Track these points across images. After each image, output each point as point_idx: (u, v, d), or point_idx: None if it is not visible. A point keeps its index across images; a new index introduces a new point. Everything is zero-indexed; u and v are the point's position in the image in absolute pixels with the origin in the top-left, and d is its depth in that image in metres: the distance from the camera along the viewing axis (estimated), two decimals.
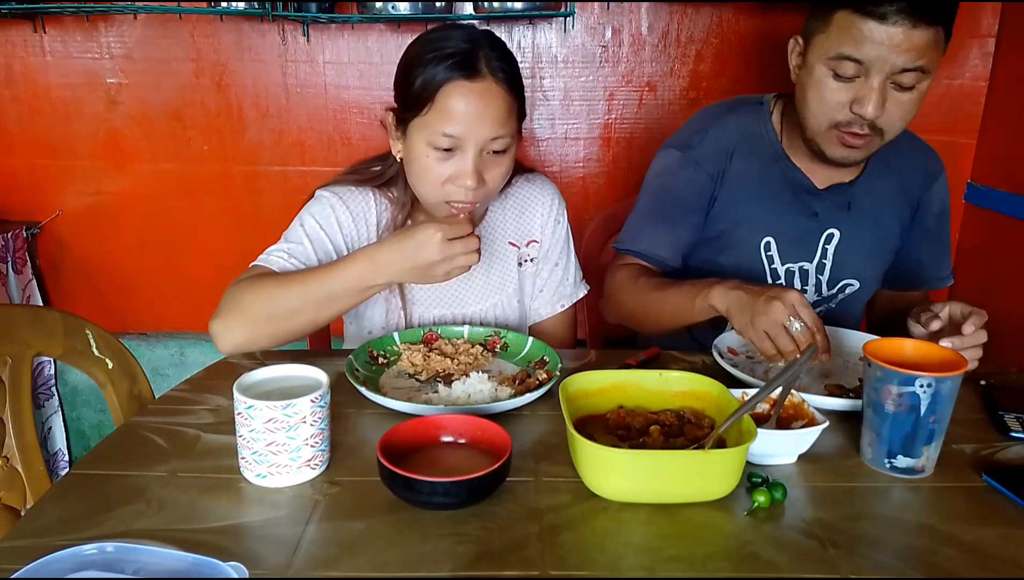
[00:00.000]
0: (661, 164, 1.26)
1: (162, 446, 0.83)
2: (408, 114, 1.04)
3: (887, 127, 1.07)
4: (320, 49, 1.94)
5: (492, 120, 1.01)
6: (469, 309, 1.21)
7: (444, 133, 1.00)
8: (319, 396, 0.75)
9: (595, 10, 1.90)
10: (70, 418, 2.15)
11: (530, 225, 1.25)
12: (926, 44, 0.99)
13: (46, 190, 2.05)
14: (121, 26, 1.92)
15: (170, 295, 2.13)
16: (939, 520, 0.72)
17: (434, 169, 1.03)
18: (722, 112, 1.25)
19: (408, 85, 1.03)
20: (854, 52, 1.01)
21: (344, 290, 0.99)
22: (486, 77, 1.00)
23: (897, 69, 1.01)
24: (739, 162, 1.21)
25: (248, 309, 0.99)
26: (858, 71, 1.03)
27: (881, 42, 0.99)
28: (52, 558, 0.59)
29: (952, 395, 0.77)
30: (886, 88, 1.03)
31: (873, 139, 1.08)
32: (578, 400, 0.84)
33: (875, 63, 1.01)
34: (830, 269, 1.25)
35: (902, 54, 0.99)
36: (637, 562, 0.65)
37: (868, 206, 1.23)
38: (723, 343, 1.08)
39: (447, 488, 0.69)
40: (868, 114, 1.04)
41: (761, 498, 0.72)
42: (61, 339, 1.05)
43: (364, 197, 1.15)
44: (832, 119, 1.08)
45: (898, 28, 0.98)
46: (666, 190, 1.24)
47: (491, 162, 1.05)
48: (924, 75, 1.02)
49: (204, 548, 0.64)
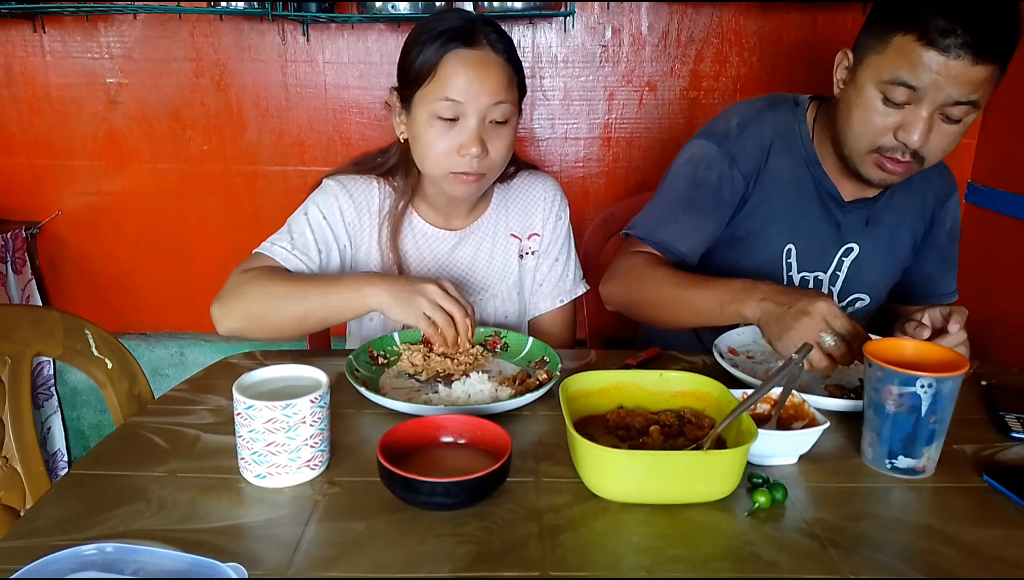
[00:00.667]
0: (695, 153, 1.20)
1: (162, 446, 0.82)
2: (411, 89, 1.07)
3: (928, 156, 1.05)
4: (320, 49, 1.94)
5: (492, 86, 1.04)
6: (471, 298, 1.22)
7: (446, 98, 1.03)
8: (319, 396, 0.75)
9: (595, 10, 1.90)
10: (69, 418, 2.15)
11: (532, 218, 1.25)
12: (983, 80, 0.98)
13: (46, 190, 2.05)
14: (121, 26, 1.92)
15: (170, 295, 2.13)
16: (940, 520, 0.72)
17: (438, 141, 1.06)
18: (762, 108, 1.20)
19: (410, 62, 1.06)
20: (911, 79, 0.99)
21: (339, 305, 1.02)
22: (484, 46, 1.04)
23: (950, 101, 0.99)
24: (774, 161, 1.18)
25: (249, 304, 1.02)
26: (910, 98, 1.00)
27: (940, 73, 0.97)
28: (51, 558, 0.59)
29: (953, 395, 0.77)
30: (934, 118, 1.01)
31: (912, 166, 1.06)
32: (578, 400, 0.84)
33: (929, 92, 0.98)
34: (843, 282, 1.23)
35: (959, 87, 0.97)
36: (637, 562, 0.65)
37: (887, 222, 1.22)
38: (723, 343, 1.07)
39: (447, 488, 0.69)
40: (912, 143, 1.02)
41: (762, 498, 0.72)
42: (61, 339, 1.05)
43: (367, 185, 1.18)
44: (875, 143, 1.06)
45: (959, 62, 0.95)
46: (699, 181, 1.18)
47: (493, 133, 1.07)
48: (974, 109, 1.01)
49: (203, 548, 0.64)
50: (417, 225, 1.20)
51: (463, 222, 1.22)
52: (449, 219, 1.22)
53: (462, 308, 0.98)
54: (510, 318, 1.26)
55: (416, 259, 1.20)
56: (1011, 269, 1.78)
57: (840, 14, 1.86)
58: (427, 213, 1.21)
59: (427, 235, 1.20)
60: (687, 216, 1.18)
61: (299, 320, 1.03)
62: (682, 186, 1.19)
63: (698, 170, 1.18)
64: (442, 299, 0.97)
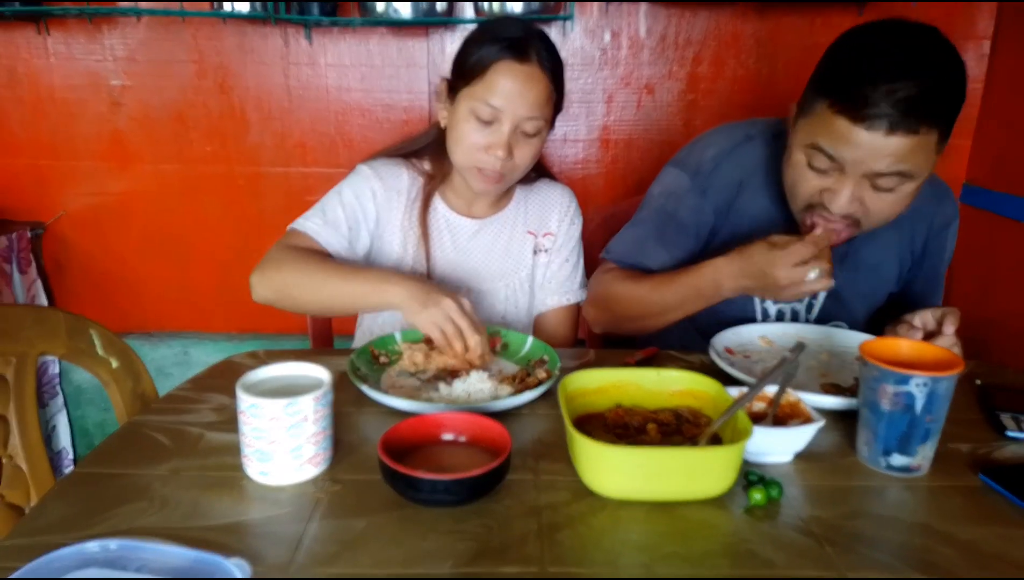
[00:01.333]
0: (668, 184, 1.22)
1: (165, 444, 0.83)
2: (459, 83, 1.14)
3: (866, 222, 1.02)
4: (322, 52, 1.95)
5: (531, 101, 1.11)
6: (484, 285, 1.27)
7: (487, 103, 1.10)
8: (321, 394, 0.76)
9: (594, 13, 1.91)
10: (74, 417, 2.16)
11: (548, 219, 1.32)
12: (908, 150, 0.92)
13: (50, 191, 2.07)
14: (124, 28, 1.93)
15: (173, 295, 2.15)
16: (935, 519, 0.72)
17: (471, 135, 1.13)
18: (740, 141, 1.19)
19: (465, 58, 1.13)
20: (828, 148, 0.96)
21: (360, 295, 1.06)
22: (533, 63, 1.11)
23: (872, 173, 0.95)
24: (746, 197, 1.17)
25: (283, 277, 1.09)
26: (831, 166, 0.98)
27: (858, 145, 0.93)
28: (55, 555, 0.59)
29: (948, 394, 0.77)
30: (862, 186, 0.97)
31: (851, 229, 1.03)
32: (577, 399, 0.84)
33: (848, 164, 0.95)
34: (819, 310, 1.23)
35: (880, 160, 0.93)
36: (635, 559, 0.65)
37: (866, 257, 1.19)
38: (720, 343, 1.08)
39: (448, 486, 0.69)
40: (834, 209, 0.99)
41: (758, 496, 0.72)
42: (65, 339, 1.06)
43: (397, 169, 1.25)
44: (806, 202, 1.04)
45: (876, 133, 0.91)
46: (670, 213, 1.21)
47: (522, 142, 1.15)
48: (906, 179, 0.96)
49: (207, 545, 0.64)
50: (441, 209, 1.26)
51: (485, 213, 1.29)
52: (471, 208, 1.28)
53: (473, 325, 1.00)
54: (520, 307, 1.31)
55: (437, 242, 1.25)
56: (1007, 270, 1.78)
57: (837, 17, 1.88)
58: (452, 200, 1.27)
59: (449, 220, 1.27)
60: (657, 246, 1.22)
61: (323, 301, 1.09)
62: (655, 217, 1.23)
63: (669, 203, 1.21)
64: (457, 314, 0.99)
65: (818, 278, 0.98)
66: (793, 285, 0.99)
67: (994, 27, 1.86)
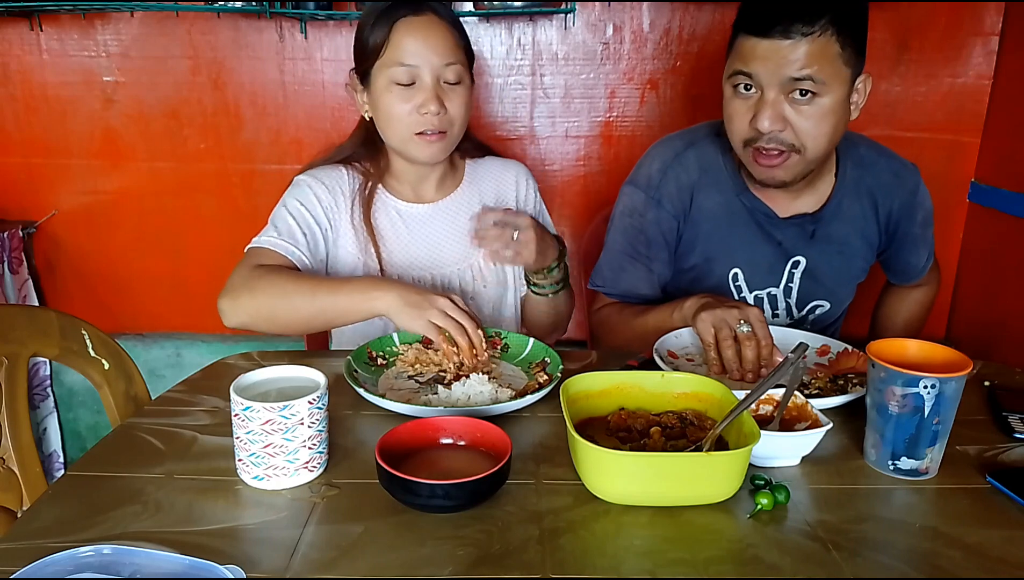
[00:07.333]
0: (627, 203, 1.28)
1: (159, 448, 0.82)
2: (368, 63, 1.14)
3: (800, 143, 1.07)
4: (318, 46, 1.93)
5: (441, 48, 1.12)
6: (446, 270, 1.25)
7: (401, 63, 1.11)
8: (317, 398, 0.74)
9: (596, 7, 1.89)
10: (66, 419, 2.14)
11: (504, 193, 1.31)
12: (810, 55, 1.01)
13: (42, 189, 2.04)
14: (118, 24, 1.91)
15: (167, 295, 2.13)
16: (943, 522, 0.72)
17: (398, 104, 1.13)
18: (680, 149, 1.25)
19: (364, 39, 1.14)
20: (742, 66, 1.06)
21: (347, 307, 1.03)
22: (429, 13, 1.12)
23: (786, 80, 1.03)
24: (702, 197, 1.23)
25: (260, 300, 1.04)
26: (751, 86, 1.06)
27: (765, 56, 1.03)
28: (49, 560, 0.59)
29: (956, 396, 0.76)
30: (780, 102, 1.05)
31: (791, 156, 1.08)
32: (579, 402, 0.83)
33: (762, 77, 1.04)
34: (797, 293, 1.27)
35: (786, 66, 1.02)
36: (639, 565, 0.64)
37: (835, 232, 1.24)
38: (663, 347, 1.07)
39: (446, 491, 0.68)
40: (763, 128, 1.05)
41: (764, 500, 0.71)
42: (57, 339, 1.04)
43: (336, 171, 1.23)
44: (742, 137, 1.10)
45: (776, 41, 1.02)
46: (635, 230, 1.26)
47: (449, 92, 1.14)
48: (820, 86, 1.03)
49: (201, 551, 0.63)
50: (389, 202, 1.24)
51: (435, 196, 1.27)
52: (420, 193, 1.26)
53: (472, 320, 0.99)
54: (489, 289, 1.28)
55: (391, 234, 1.23)
56: (1015, 269, 1.77)
57: None
58: (397, 189, 1.25)
59: (400, 209, 1.24)
60: (634, 265, 1.28)
61: (308, 318, 1.05)
62: (622, 238, 1.29)
63: (632, 220, 1.27)
64: (453, 311, 0.98)
65: (744, 333, 1.01)
66: (724, 316, 1.02)
67: (1002, 24, 1.84)
